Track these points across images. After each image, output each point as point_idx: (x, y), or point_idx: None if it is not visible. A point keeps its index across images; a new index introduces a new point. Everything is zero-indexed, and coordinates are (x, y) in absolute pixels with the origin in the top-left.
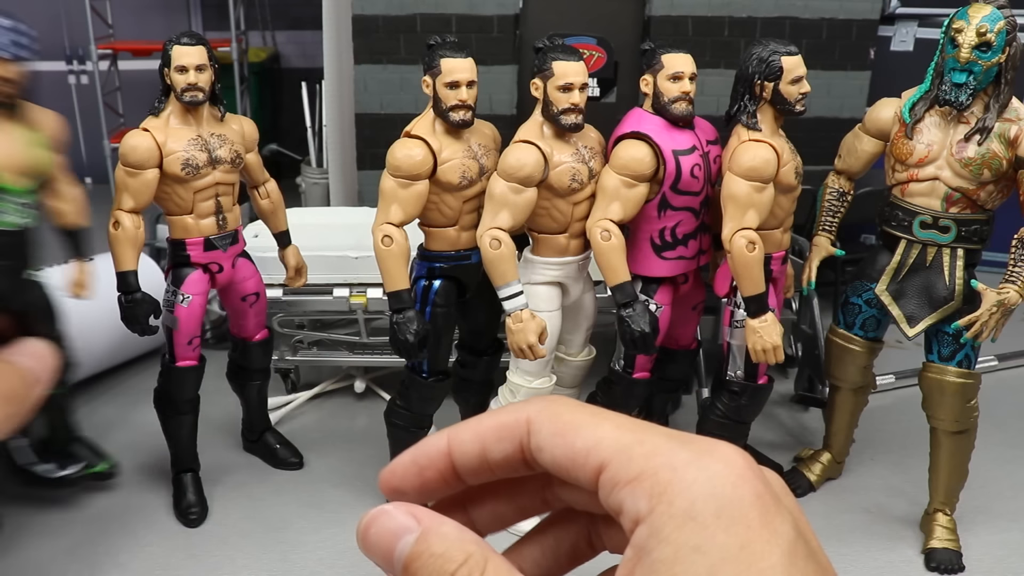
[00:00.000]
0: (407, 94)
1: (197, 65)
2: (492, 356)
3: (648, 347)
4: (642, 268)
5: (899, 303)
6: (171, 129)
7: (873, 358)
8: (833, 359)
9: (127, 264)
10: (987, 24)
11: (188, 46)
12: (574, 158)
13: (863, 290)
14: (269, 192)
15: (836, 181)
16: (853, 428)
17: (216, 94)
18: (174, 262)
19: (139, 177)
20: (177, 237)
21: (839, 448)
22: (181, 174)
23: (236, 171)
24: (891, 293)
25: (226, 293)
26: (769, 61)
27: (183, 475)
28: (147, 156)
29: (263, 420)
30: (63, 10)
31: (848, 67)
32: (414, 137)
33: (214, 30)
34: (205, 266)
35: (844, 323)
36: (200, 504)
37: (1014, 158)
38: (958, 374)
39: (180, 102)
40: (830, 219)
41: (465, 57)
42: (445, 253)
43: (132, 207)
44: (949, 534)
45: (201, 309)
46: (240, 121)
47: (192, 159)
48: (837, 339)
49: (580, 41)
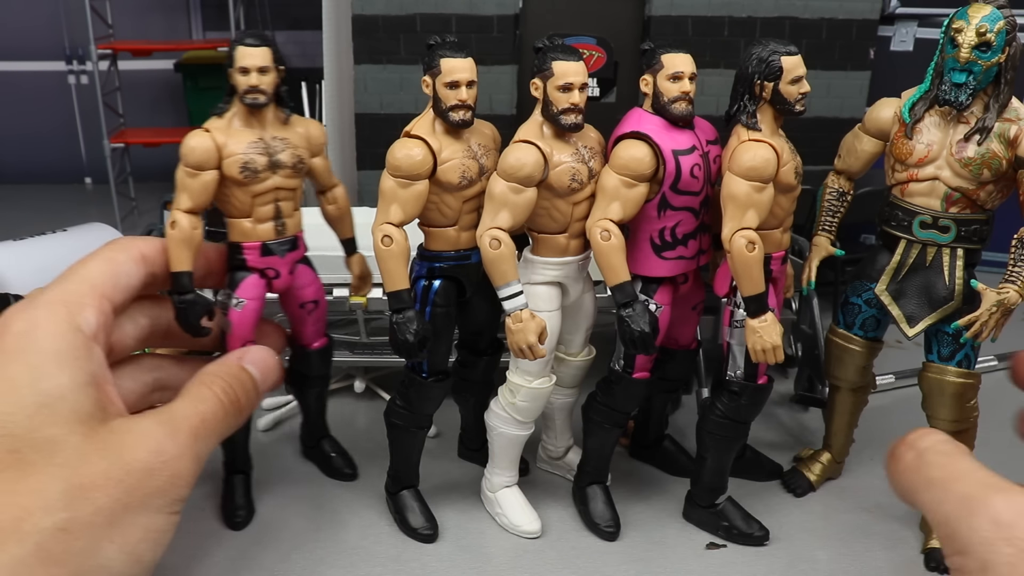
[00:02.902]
0: (407, 94)
1: (260, 67)
2: (492, 356)
3: (648, 347)
4: (642, 268)
5: (899, 303)
6: (233, 131)
7: (873, 358)
8: (832, 359)
9: (182, 264)
10: (987, 24)
11: (252, 47)
12: (574, 158)
13: (863, 290)
14: (336, 198)
15: (836, 181)
16: (853, 428)
17: (282, 96)
18: (231, 265)
19: (198, 178)
20: (235, 240)
21: (839, 448)
22: (239, 177)
23: (298, 176)
24: (891, 293)
25: (285, 300)
26: (769, 61)
27: (234, 477)
28: (205, 157)
29: (321, 427)
30: (63, 10)
31: (848, 67)
32: (414, 137)
33: (214, 30)
34: (262, 271)
35: (844, 323)
36: (247, 507)
37: (1014, 158)
38: (958, 374)
39: (242, 104)
40: (830, 219)
41: (465, 57)
42: (445, 253)
43: (190, 207)
44: None
45: (255, 314)
46: (306, 124)
47: (251, 162)
48: (837, 339)
49: (580, 41)
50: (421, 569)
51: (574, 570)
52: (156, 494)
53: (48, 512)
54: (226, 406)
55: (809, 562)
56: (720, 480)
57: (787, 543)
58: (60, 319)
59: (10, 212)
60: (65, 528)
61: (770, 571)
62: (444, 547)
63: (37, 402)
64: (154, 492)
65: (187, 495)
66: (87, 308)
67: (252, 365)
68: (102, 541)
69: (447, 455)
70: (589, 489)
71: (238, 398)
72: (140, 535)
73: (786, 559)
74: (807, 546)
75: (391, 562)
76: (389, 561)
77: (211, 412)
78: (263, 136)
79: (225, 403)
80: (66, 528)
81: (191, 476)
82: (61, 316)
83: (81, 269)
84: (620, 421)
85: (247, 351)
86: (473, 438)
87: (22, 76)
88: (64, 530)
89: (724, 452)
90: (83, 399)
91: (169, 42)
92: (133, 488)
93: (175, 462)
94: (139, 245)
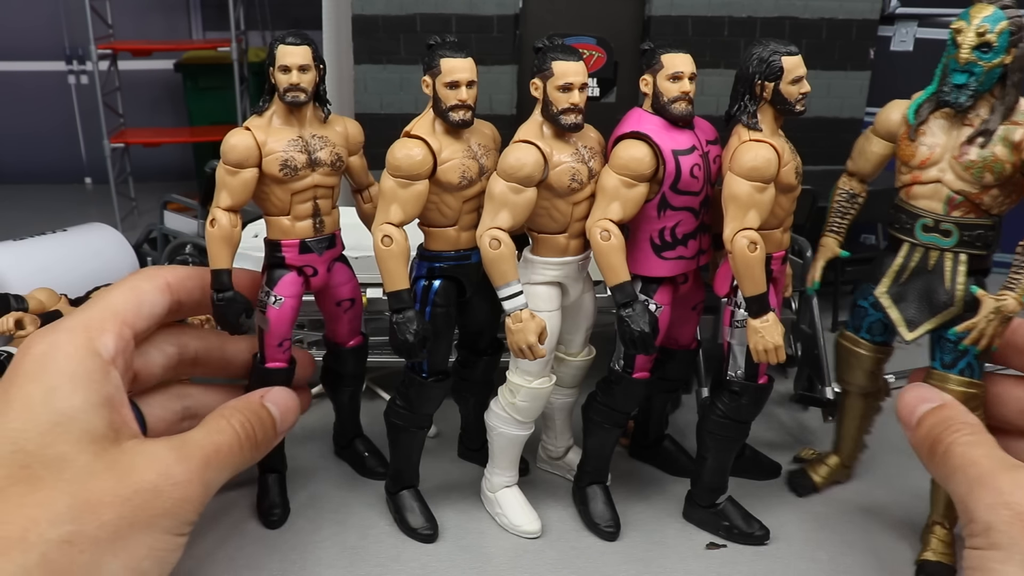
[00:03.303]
0: (407, 94)
1: (301, 65)
2: (492, 356)
3: (648, 347)
4: (642, 268)
5: (899, 306)
6: (273, 128)
7: (882, 363)
8: (841, 362)
9: (221, 262)
10: (987, 24)
11: (293, 46)
12: (574, 158)
13: (868, 292)
14: (373, 196)
15: (847, 183)
16: (863, 433)
17: (321, 95)
18: (269, 263)
19: (238, 176)
20: (274, 238)
21: (847, 453)
22: (279, 175)
23: (337, 174)
24: (891, 296)
25: (321, 297)
26: (769, 61)
27: (268, 476)
28: (246, 155)
29: (355, 426)
30: (63, 10)
31: (848, 67)
32: (414, 137)
33: (214, 30)
34: (300, 268)
35: (852, 326)
36: (283, 505)
37: (1019, 162)
38: (960, 383)
39: (282, 102)
40: (839, 220)
41: (465, 57)
42: (445, 253)
43: (229, 205)
44: (945, 548)
45: (293, 312)
46: (344, 123)
47: (291, 160)
48: (845, 342)
49: (580, 41)
50: (421, 569)
51: (574, 570)
52: (163, 515)
53: (54, 525)
54: (242, 440)
55: (809, 562)
56: (720, 480)
57: (787, 543)
58: (79, 343)
59: (10, 212)
60: (70, 541)
61: (770, 571)
62: (444, 547)
63: (51, 420)
64: (161, 513)
65: (195, 519)
66: (106, 333)
67: (273, 404)
68: (105, 555)
69: (447, 455)
70: (589, 489)
71: (255, 433)
72: (144, 553)
73: (786, 559)
74: (807, 546)
75: (391, 562)
76: (389, 561)
77: (226, 444)
78: (302, 134)
79: (241, 437)
80: (71, 541)
81: (199, 501)
82: (80, 340)
83: (106, 296)
84: (620, 421)
85: (270, 390)
86: (473, 438)
87: (22, 76)
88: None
89: (724, 452)
90: (96, 420)
91: (169, 42)
92: (139, 508)
93: (184, 486)
94: (164, 274)
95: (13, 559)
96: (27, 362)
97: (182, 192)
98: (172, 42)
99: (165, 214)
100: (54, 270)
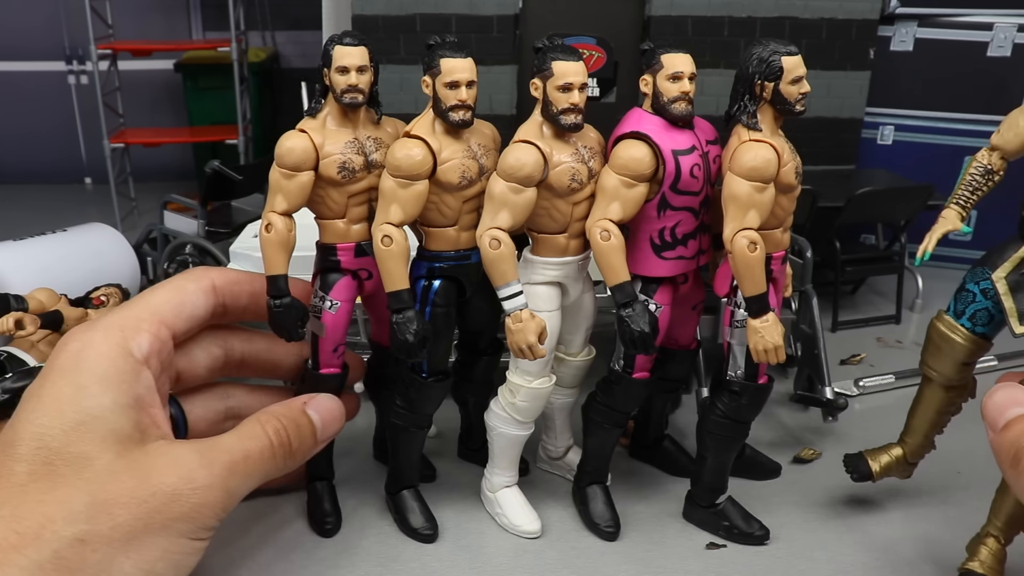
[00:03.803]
0: (407, 94)
1: (359, 66)
2: (492, 356)
3: (648, 347)
4: (642, 268)
5: (1015, 296)
6: (328, 131)
7: (976, 356)
8: (931, 346)
9: (277, 268)
10: None
11: (350, 46)
12: (574, 158)
13: (982, 277)
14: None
15: (987, 156)
16: (935, 431)
17: (374, 96)
18: (323, 267)
19: (294, 179)
20: (328, 242)
21: (913, 447)
22: (337, 177)
23: None
24: (1009, 283)
25: (371, 301)
26: (769, 61)
27: (317, 483)
28: (304, 158)
29: None
30: (63, 10)
31: (848, 67)
32: (414, 137)
33: (214, 30)
34: (354, 272)
35: (954, 310)
36: (336, 514)
37: None
38: None
39: (339, 103)
40: (967, 194)
41: (465, 57)
42: (445, 253)
43: (285, 209)
44: (995, 563)
45: (348, 316)
46: (395, 124)
47: (349, 162)
48: (940, 325)
49: (580, 41)
50: (421, 569)
51: (574, 570)
52: (180, 519)
53: (69, 522)
54: (275, 447)
55: (809, 561)
56: (720, 480)
57: (787, 543)
58: (113, 342)
59: (10, 212)
60: (83, 539)
61: (770, 571)
62: (444, 547)
63: (77, 419)
64: (178, 517)
65: (215, 525)
66: (142, 333)
67: (316, 412)
68: (117, 556)
69: (447, 455)
70: (589, 489)
71: (289, 441)
72: (158, 555)
73: (786, 559)
74: (807, 546)
75: (391, 562)
76: (389, 561)
77: (257, 450)
78: (357, 136)
79: (274, 444)
80: (84, 539)
81: (220, 507)
82: (115, 339)
83: (148, 295)
84: (620, 421)
85: (314, 397)
86: (473, 438)
87: (22, 76)
88: (82, 541)
89: (724, 452)
90: (122, 420)
91: (169, 42)
92: (156, 510)
93: (204, 491)
94: (211, 275)
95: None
96: (62, 359)
97: (182, 192)
98: (172, 42)
99: (165, 214)
100: (54, 270)
